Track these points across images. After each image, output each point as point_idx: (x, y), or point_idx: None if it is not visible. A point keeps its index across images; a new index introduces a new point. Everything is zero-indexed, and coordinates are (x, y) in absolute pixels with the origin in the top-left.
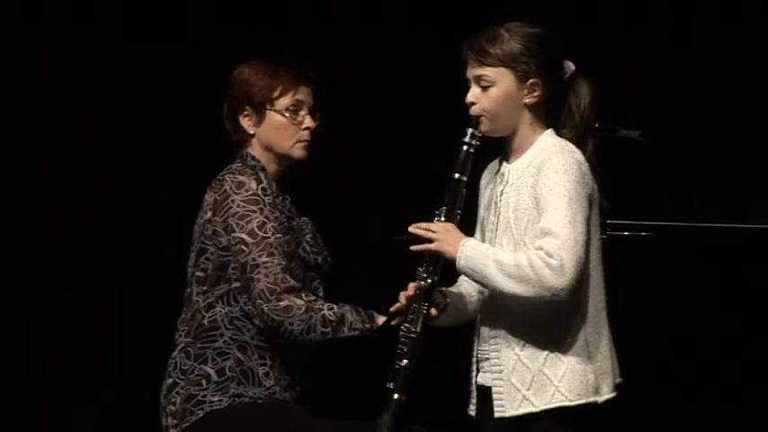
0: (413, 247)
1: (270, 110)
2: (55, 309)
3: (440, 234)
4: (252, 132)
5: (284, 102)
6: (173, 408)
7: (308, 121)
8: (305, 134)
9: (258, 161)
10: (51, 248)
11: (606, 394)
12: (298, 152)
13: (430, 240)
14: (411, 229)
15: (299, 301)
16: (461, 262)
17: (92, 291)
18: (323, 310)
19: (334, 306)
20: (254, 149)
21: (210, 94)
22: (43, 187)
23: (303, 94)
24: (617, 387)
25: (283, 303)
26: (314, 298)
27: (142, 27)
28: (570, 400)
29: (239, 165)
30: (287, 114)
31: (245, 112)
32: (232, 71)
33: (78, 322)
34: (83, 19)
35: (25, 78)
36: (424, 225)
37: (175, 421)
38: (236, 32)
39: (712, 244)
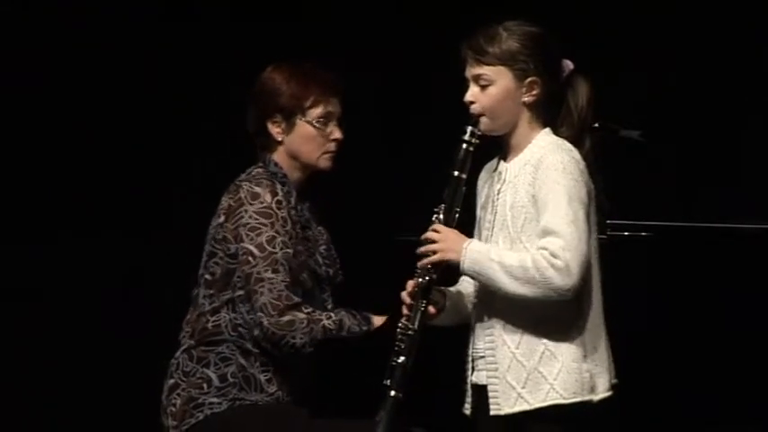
0: (419, 263)
1: (301, 120)
2: (57, 307)
3: (440, 243)
4: (280, 140)
5: (316, 112)
6: (173, 409)
7: (337, 133)
8: (332, 145)
9: (281, 168)
10: (51, 246)
11: (602, 393)
12: (324, 163)
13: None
14: (419, 250)
15: (300, 315)
16: (465, 266)
17: (94, 288)
18: (322, 320)
19: (332, 314)
20: (279, 156)
21: (215, 94)
22: (44, 183)
23: (333, 105)
24: (613, 387)
25: (286, 318)
26: (312, 309)
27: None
28: (565, 399)
29: (260, 170)
30: (317, 125)
31: (275, 119)
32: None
33: (80, 320)
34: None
35: (24, 78)
36: (424, 237)
37: (175, 422)
38: (238, 30)
39: (712, 244)
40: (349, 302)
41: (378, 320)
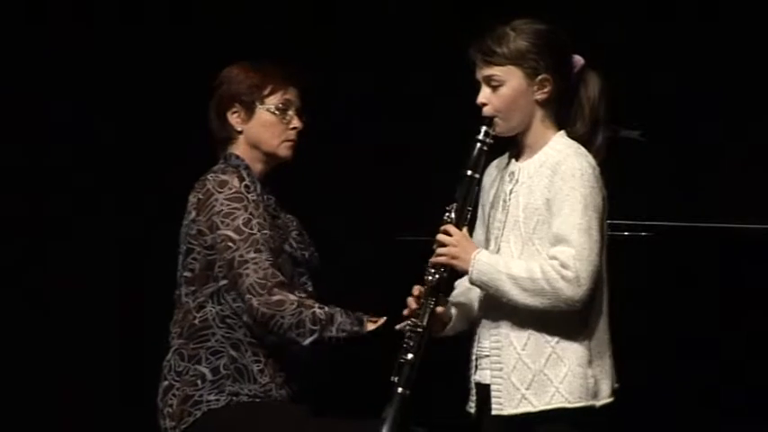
0: (430, 262)
1: (259, 107)
2: (53, 309)
3: (451, 248)
4: (239, 129)
5: (274, 100)
6: (170, 410)
7: (296, 122)
8: (292, 134)
9: (242, 161)
10: (49, 248)
11: (604, 398)
12: (284, 151)
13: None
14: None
15: (291, 297)
16: (474, 276)
17: (89, 292)
18: (313, 307)
19: (325, 306)
20: (239, 148)
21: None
22: (41, 186)
23: (291, 94)
24: (614, 392)
25: (275, 297)
26: (305, 295)
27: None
28: (570, 402)
29: (222, 165)
30: (276, 113)
31: (234, 109)
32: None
33: (76, 325)
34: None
35: (23, 77)
36: (437, 240)
37: (173, 423)
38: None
39: (712, 244)
40: (349, 302)
41: (369, 326)
